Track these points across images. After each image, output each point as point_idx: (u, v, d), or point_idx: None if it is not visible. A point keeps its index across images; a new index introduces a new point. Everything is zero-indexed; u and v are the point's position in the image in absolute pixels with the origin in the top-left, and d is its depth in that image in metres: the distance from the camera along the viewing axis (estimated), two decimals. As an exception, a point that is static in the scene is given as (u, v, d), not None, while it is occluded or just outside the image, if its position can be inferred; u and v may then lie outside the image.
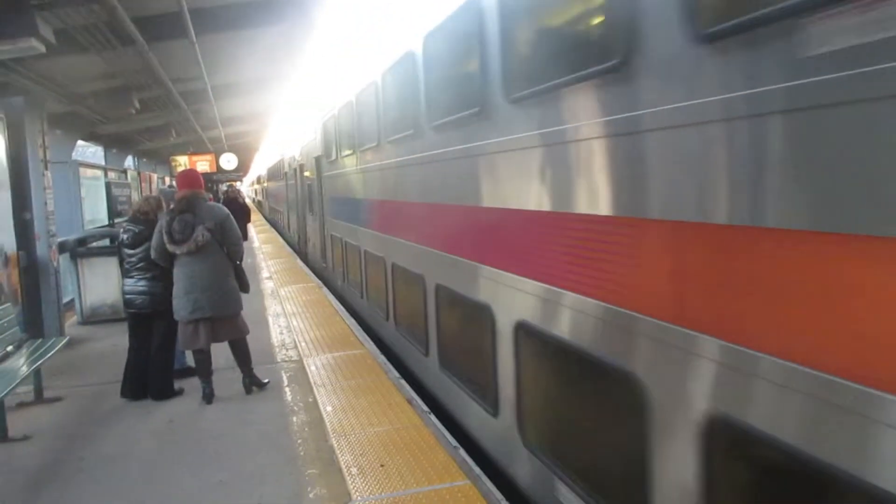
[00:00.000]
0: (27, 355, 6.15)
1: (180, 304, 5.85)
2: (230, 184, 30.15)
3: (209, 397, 6.00)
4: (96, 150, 16.41)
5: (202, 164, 20.38)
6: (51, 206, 8.35)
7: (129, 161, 19.08)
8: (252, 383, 6.20)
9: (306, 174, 15.33)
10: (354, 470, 4.36)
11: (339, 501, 3.99)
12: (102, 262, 9.69)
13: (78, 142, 12.99)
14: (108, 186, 12.70)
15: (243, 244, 6.41)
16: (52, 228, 8.40)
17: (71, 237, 9.96)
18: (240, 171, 33.84)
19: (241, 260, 6.31)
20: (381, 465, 4.39)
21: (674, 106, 2.54)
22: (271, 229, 28.57)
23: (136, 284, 6.13)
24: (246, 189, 66.22)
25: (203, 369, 6.06)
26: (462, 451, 4.61)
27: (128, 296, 6.18)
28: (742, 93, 2.22)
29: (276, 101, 16.82)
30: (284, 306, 10.25)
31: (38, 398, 6.27)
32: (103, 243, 10.60)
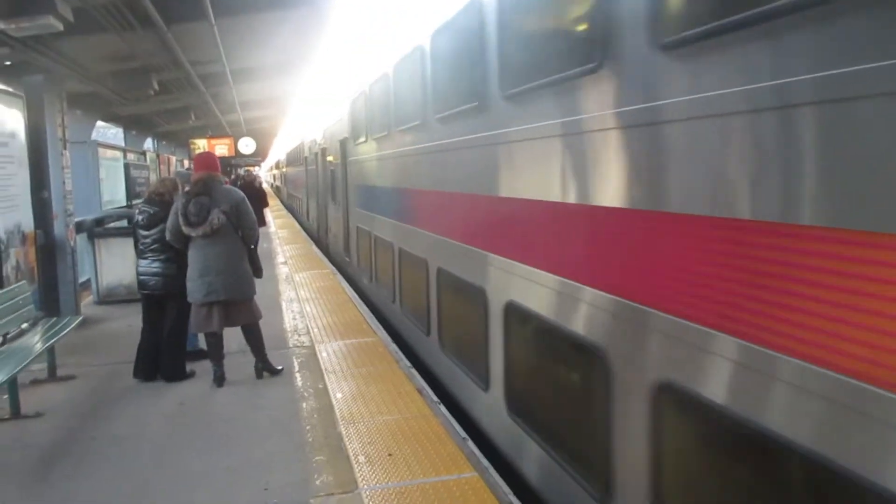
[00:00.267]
0: (41, 333, 6.20)
1: (194, 286, 5.84)
2: (247, 168, 30.22)
3: (220, 381, 6.01)
4: (117, 131, 16.55)
5: (221, 148, 20.46)
6: (69, 186, 8.40)
7: (149, 143, 19.20)
8: (265, 369, 6.18)
9: (329, 159, 14.16)
10: (362, 458, 4.33)
11: (345, 489, 3.96)
12: (119, 243, 9.74)
13: (98, 123, 13.09)
14: (126, 168, 12.79)
15: (258, 229, 6.39)
16: (70, 208, 8.45)
17: (89, 217, 10.04)
18: (258, 156, 33.97)
19: (256, 244, 6.30)
20: (389, 454, 4.36)
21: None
22: (288, 215, 28.66)
23: (149, 266, 6.14)
24: (264, 174, 66.56)
25: (215, 352, 6.06)
26: (470, 443, 4.57)
27: (141, 277, 6.19)
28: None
29: (296, 85, 16.79)
30: (298, 292, 10.26)
31: (52, 376, 6.32)
32: (121, 224, 10.67)
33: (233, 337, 6.29)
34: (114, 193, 13.73)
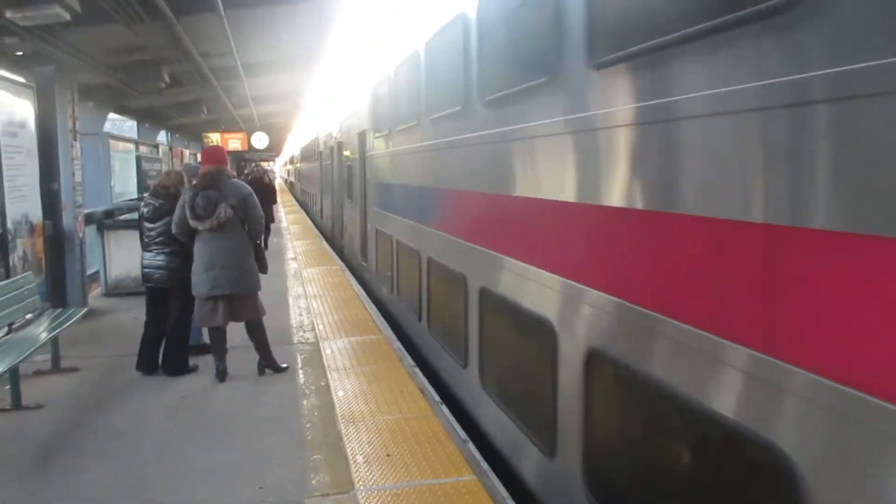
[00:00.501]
0: (46, 324, 6.20)
1: (199, 280, 5.81)
2: (256, 163, 30.10)
3: (222, 375, 5.97)
4: (132, 124, 16.60)
5: (234, 142, 20.50)
6: (78, 177, 8.41)
7: (163, 136, 19.27)
8: (268, 366, 6.13)
9: (346, 154, 13.07)
10: (360, 458, 4.27)
11: (341, 489, 3.90)
12: (129, 235, 9.71)
13: (112, 115, 13.12)
14: (138, 160, 12.82)
15: (263, 224, 6.33)
16: (79, 199, 8.46)
17: (98, 209, 10.06)
18: (272, 151, 34.07)
19: (262, 240, 6.26)
20: (388, 455, 4.30)
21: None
22: (300, 211, 28.69)
23: (154, 258, 6.11)
24: (278, 170, 66.76)
25: (218, 347, 6.02)
26: (471, 446, 4.49)
27: (146, 269, 6.17)
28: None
29: (310, 80, 16.75)
30: (306, 288, 10.23)
31: (55, 367, 6.31)
32: (131, 216, 10.68)
33: (236, 332, 6.25)
34: (125, 186, 13.79)
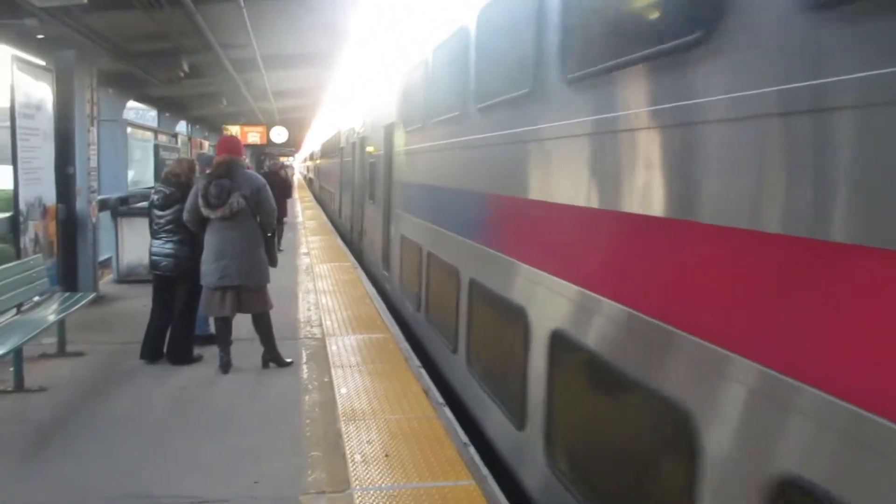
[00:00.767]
0: (53, 307, 6.18)
1: (209, 269, 5.77)
2: (274, 158, 29.96)
3: (226, 367, 5.92)
4: (154, 114, 16.69)
5: (253, 136, 20.51)
6: (93, 163, 8.41)
7: (183, 126, 19.36)
8: (273, 360, 6.07)
9: (369, 150, 11.88)
10: (358, 457, 4.19)
11: (336, 488, 3.82)
12: (142, 223, 9.58)
13: (135, 104, 13.17)
14: (156, 149, 12.85)
15: (275, 216, 6.27)
16: (94, 184, 8.47)
17: (113, 195, 10.07)
18: (291, 146, 34.09)
19: (274, 234, 6.21)
20: (386, 455, 4.21)
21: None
22: (317, 206, 28.73)
23: (162, 246, 6.07)
24: (297, 166, 66.99)
25: (223, 338, 5.98)
26: (472, 449, 4.39)
27: (154, 257, 6.13)
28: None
29: (331, 75, 16.71)
30: (316, 283, 10.18)
31: (61, 351, 6.30)
32: (146, 204, 10.67)
33: (243, 323, 6.19)
34: (143, 174, 13.85)
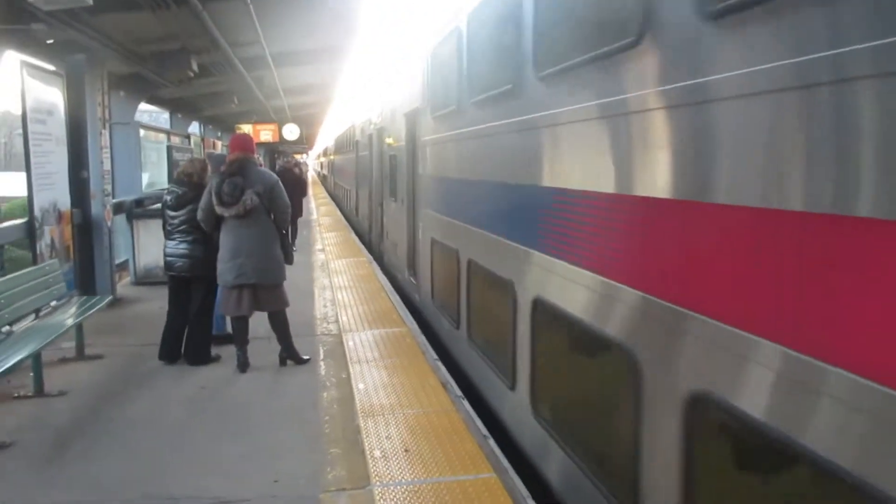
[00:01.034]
0: (71, 311, 6.20)
1: (225, 268, 5.76)
2: (288, 155, 29.97)
3: (243, 366, 5.91)
4: (167, 116, 16.75)
5: (265, 134, 20.51)
6: (107, 166, 8.43)
7: (196, 127, 19.41)
8: (290, 357, 6.05)
9: (388, 141, 10.84)
10: (377, 453, 4.15)
11: (357, 485, 3.78)
12: (158, 225, 9.64)
13: (147, 106, 13.20)
14: (169, 150, 12.88)
15: (289, 213, 6.23)
16: (108, 188, 8.49)
17: (129, 198, 10.10)
18: (304, 144, 34.17)
19: (288, 232, 6.19)
20: (406, 450, 4.17)
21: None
22: (331, 202, 28.76)
23: (177, 247, 6.07)
24: (311, 162, 67.14)
25: (240, 337, 5.96)
26: (492, 442, 4.34)
27: (168, 258, 6.13)
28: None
29: (342, 70, 16.64)
30: (332, 280, 10.16)
31: (80, 355, 6.32)
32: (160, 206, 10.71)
33: (260, 322, 6.18)
34: (157, 175, 13.90)
